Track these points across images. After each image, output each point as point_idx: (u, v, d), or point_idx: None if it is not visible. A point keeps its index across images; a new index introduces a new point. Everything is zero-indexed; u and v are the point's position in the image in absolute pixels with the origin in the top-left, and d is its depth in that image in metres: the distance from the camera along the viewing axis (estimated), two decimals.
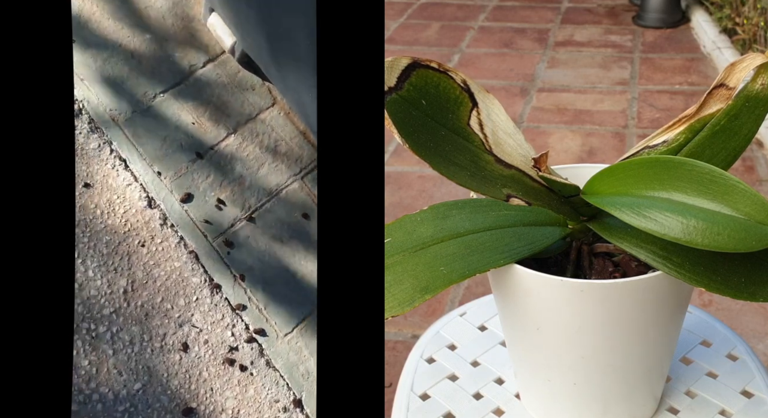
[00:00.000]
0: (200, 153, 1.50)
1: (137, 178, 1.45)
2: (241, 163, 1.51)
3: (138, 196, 1.44)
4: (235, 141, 1.52)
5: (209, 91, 1.56)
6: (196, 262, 1.42)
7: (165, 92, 1.53)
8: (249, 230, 1.46)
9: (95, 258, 1.38)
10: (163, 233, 1.43)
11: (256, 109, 1.56)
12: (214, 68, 1.58)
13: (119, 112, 1.49)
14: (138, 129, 1.49)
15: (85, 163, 1.45)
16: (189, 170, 1.48)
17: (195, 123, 1.51)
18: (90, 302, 1.35)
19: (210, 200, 1.47)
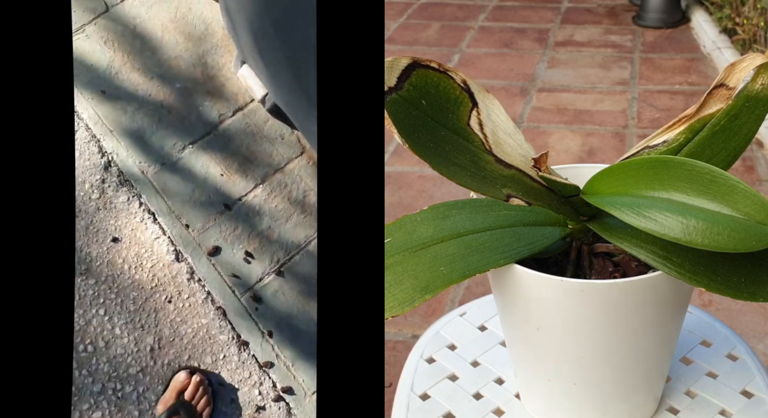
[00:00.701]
0: (228, 205, 1.47)
1: (165, 231, 1.43)
2: (269, 214, 1.49)
3: (166, 250, 1.42)
4: (263, 192, 1.50)
5: (238, 141, 1.54)
6: (223, 318, 1.40)
7: (194, 143, 1.51)
8: (277, 284, 1.43)
9: (122, 315, 1.36)
10: (190, 287, 1.40)
11: (285, 159, 1.53)
12: (243, 117, 1.56)
13: (148, 164, 1.48)
14: (167, 182, 1.47)
15: (113, 217, 1.43)
16: (217, 222, 1.46)
17: (223, 174, 1.49)
18: (116, 360, 1.33)
19: (238, 253, 1.45)
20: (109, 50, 1.55)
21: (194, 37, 1.60)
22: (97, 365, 1.33)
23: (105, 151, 1.47)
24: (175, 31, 1.59)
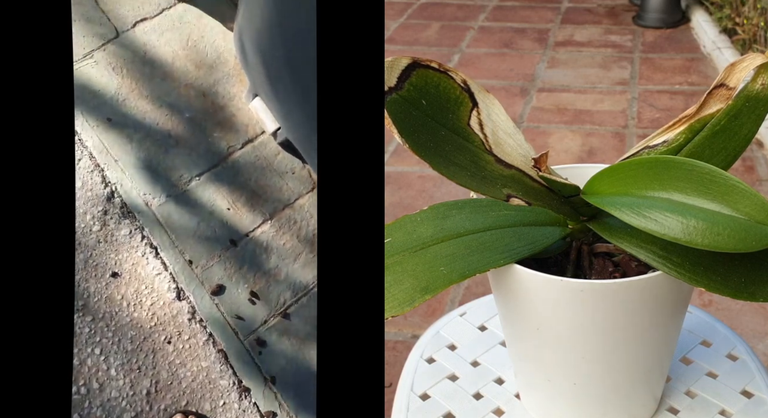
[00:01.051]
0: (234, 241, 1.41)
1: (167, 266, 1.37)
2: (277, 253, 1.42)
3: (167, 287, 1.36)
4: (271, 228, 1.44)
5: (247, 174, 1.48)
6: (224, 362, 1.33)
7: (201, 175, 1.45)
8: (282, 327, 1.37)
9: (119, 355, 1.30)
10: (191, 328, 1.34)
11: (295, 194, 1.48)
12: (252, 150, 1.50)
13: (153, 196, 1.42)
14: (172, 214, 1.41)
15: (114, 250, 1.37)
16: (222, 259, 1.40)
17: (230, 208, 1.44)
18: (110, 404, 1.26)
19: (242, 293, 1.38)
20: (118, 77, 1.50)
21: (205, 65, 1.56)
22: (90, 409, 1.26)
23: (108, 181, 1.42)
24: (186, 58, 1.55)
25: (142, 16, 1.57)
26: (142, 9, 1.58)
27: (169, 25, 1.57)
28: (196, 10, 1.60)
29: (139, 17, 1.56)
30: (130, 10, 1.57)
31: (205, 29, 1.59)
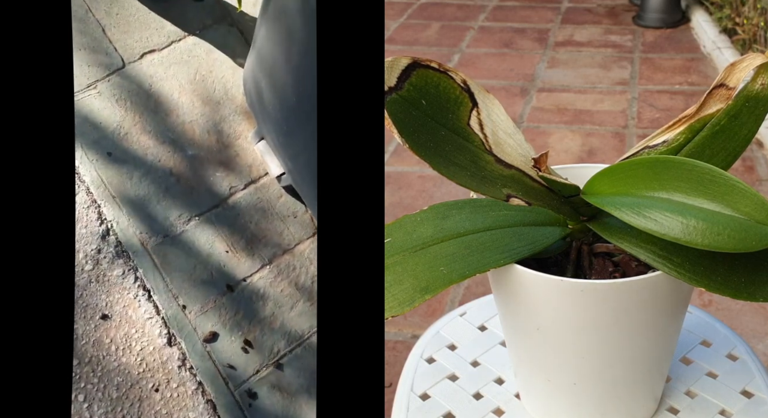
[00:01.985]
0: (231, 286, 1.36)
1: (160, 311, 1.31)
2: (274, 300, 1.37)
3: (158, 332, 1.30)
4: (269, 274, 1.39)
5: (247, 216, 1.43)
6: (213, 413, 1.27)
7: (200, 216, 1.40)
8: (275, 378, 1.32)
9: (103, 403, 1.23)
10: (180, 376, 1.28)
11: (295, 240, 1.43)
12: (255, 191, 1.45)
13: (150, 235, 1.36)
14: (168, 256, 1.36)
15: (105, 291, 1.30)
16: (217, 305, 1.34)
17: (229, 251, 1.38)
18: None
19: (236, 341, 1.32)
20: (121, 109, 1.44)
21: (212, 101, 1.51)
22: None
23: (105, 218, 1.35)
24: (192, 93, 1.50)
25: (150, 47, 1.52)
26: (150, 40, 1.53)
27: (178, 58, 1.52)
28: (206, 44, 1.55)
29: (147, 49, 1.51)
30: (138, 41, 1.51)
31: (214, 64, 1.54)
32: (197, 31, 1.56)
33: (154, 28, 1.53)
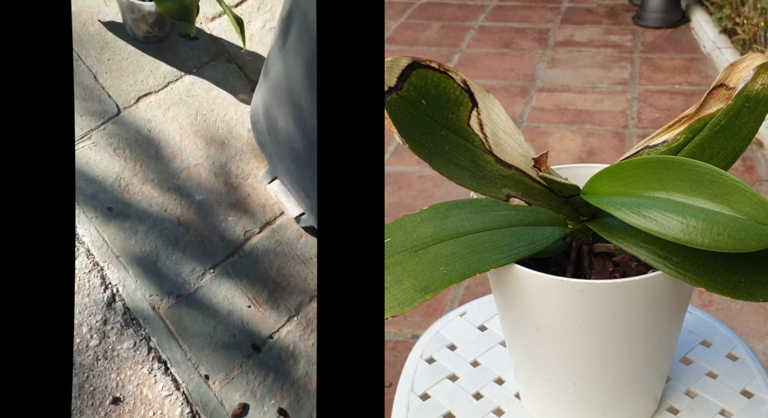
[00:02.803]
0: (257, 345, 1.21)
1: (179, 385, 1.15)
2: (306, 356, 1.22)
3: (180, 411, 1.13)
4: (297, 327, 1.25)
5: (267, 263, 1.29)
6: None
7: (216, 267, 1.27)
8: None
9: None
10: None
11: None
12: (272, 234, 1.33)
13: (161, 297, 1.22)
14: (183, 319, 1.20)
15: (115, 369, 1.14)
16: (243, 370, 1.18)
17: (251, 306, 1.25)
18: None
19: (269, 411, 1.16)
20: (119, 159, 1.34)
21: (216, 141, 1.42)
22: None
23: (109, 282, 1.21)
24: (194, 135, 1.41)
25: (146, 90, 1.44)
26: (146, 83, 1.45)
27: (176, 99, 1.44)
28: (205, 82, 1.48)
29: (142, 92, 1.43)
30: (133, 85, 1.44)
31: (214, 102, 1.46)
32: (194, 69, 1.49)
33: (148, 71, 1.46)
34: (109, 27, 1.47)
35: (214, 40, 1.55)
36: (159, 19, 1.41)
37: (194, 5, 1.35)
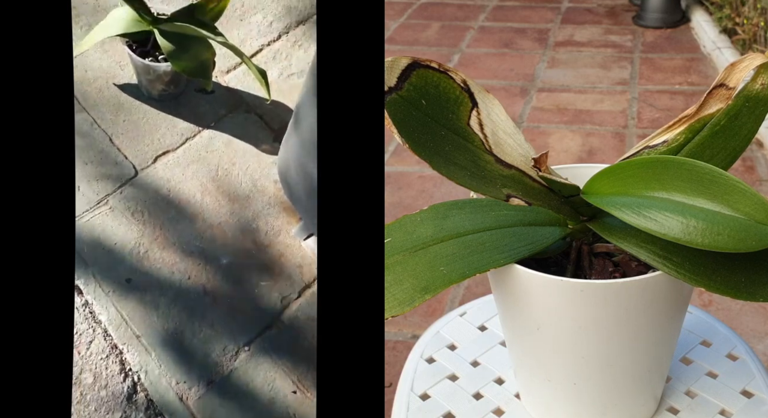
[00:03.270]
0: None
1: None
2: None
3: None
4: None
5: (311, 334, 1.14)
6: None
7: (251, 344, 1.11)
8: None
9: None
10: None
11: None
12: (313, 298, 1.18)
13: (189, 385, 1.06)
14: (217, 412, 1.04)
15: None
16: None
17: (296, 391, 1.07)
18: None
19: None
20: (137, 223, 1.25)
21: (240, 196, 1.31)
22: None
23: (129, 368, 1.07)
24: (217, 191, 1.31)
25: (163, 148, 1.36)
26: (163, 141, 1.37)
27: (195, 156, 1.36)
28: (224, 136, 1.40)
29: (160, 150, 1.36)
30: (150, 144, 1.36)
31: (235, 155, 1.37)
32: (212, 123, 1.42)
33: (165, 128, 1.39)
34: (124, 89, 1.42)
35: (231, 91, 1.48)
36: (174, 77, 1.37)
37: (211, 61, 1.31)
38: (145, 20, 1.28)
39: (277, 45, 1.56)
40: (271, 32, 1.57)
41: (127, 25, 1.27)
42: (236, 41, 1.51)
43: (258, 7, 1.61)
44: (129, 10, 1.27)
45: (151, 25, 1.28)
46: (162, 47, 1.26)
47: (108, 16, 1.32)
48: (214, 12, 1.32)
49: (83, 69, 1.43)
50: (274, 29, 1.58)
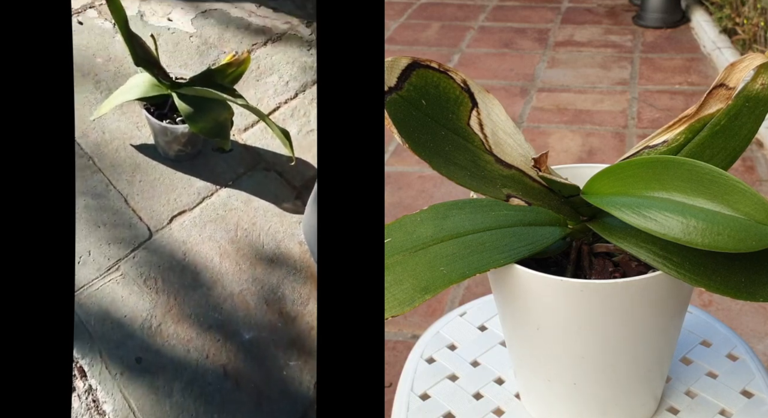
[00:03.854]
0: None
1: None
2: None
3: None
4: None
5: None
6: None
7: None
8: None
9: None
10: None
11: None
12: None
13: None
14: None
15: None
16: None
17: None
18: None
19: None
20: (150, 292, 1.15)
21: (263, 260, 1.21)
22: None
23: None
24: (236, 254, 1.21)
25: (179, 208, 1.29)
26: (179, 201, 1.30)
27: (213, 216, 1.29)
28: (243, 194, 1.32)
29: (176, 211, 1.29)
30: (165, 204, 1.30)
31: (256, 214, 1.29)
32: (230, 182, 1.35)
33: (181, 188, 1.33)
34: (141, 149, 1.38)
35: (249, 149, 1.43)
36: (192, 138, 1.34)
37: (228, 121, 1.29)
38: (163, 85, 1.27)
39: (294, 102, 1.53)
40: (288, 91, 1.55)
41: (146, 89, 1.27)
42: (253, 100, 1.48)
43: (274, 68, 1.60)
44: (148, 75, 1.27)
45: (169, 89, 1.27)
46: (180, 110, 1.24)
47: (128, 81, 1.31)
48: (233, 76, 1.31)
49: (101, 131, 1.40)
50: (291, 88, 1.56)
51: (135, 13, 1.67)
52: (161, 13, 1.69)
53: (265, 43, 1.66)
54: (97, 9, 1.67)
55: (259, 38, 1.67)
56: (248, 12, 1.73)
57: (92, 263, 1.19)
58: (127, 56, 1.27)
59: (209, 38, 1.64)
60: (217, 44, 1.64)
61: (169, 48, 1.60)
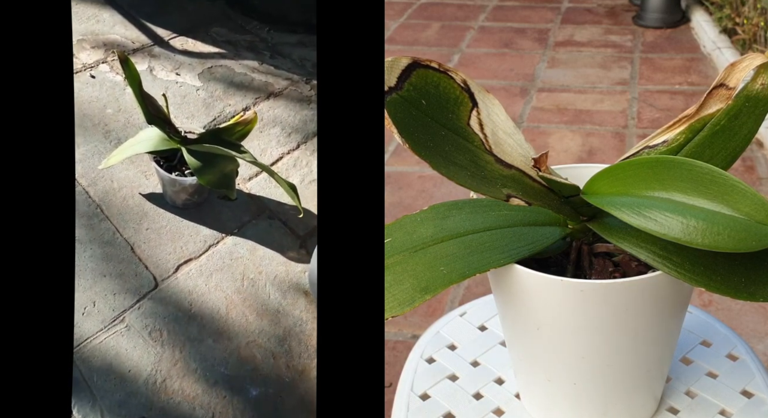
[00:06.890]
0: None
1: None
2: None
3: None
4: None
5: None
6: None
7: None
8: None
9: None
10: None
11: None
12: None
13: None
14: None
15: None
16: None
17: None
18: None
19: None
20: (155, 344, 1.12)
21: (269, 310, 1.20)
22: None
23: None
24: (243, 304, 1.20)
25: (185, 257, 1.30)
26: (185, 249, 1.31)
27: (219, 264, 1.29)
28: (249, 242, 1.34)
29: (182, 259, 1.29)
30: (172, 253, 1.30)
31: (261, 263, 1.30)
32: (235, 229, 1.37)
33: (188, 236, 1.34)
34: (148, 198, 1.41)
35: (254, 198, 1.46)
36: (199, 188, 1.37)
37: (234, 172, 1.33)
38: (174, 140, 1.31)
39: (297, 153, 1.57)
40: (290, 142, 1.60)
41: (157, 144, 1.30)
42: (256, 151, 1.52)
43: (276, 121, 1.66)
44: (159, 130, 1.30)
45: (179, 144, 1.30)
46: (189, 164, 1.28)
47: (139, 133, 1.34)
48: (241, 133, 1.36)
49: (109, 179, 1.42)
50: (293, 139, 1.61)
51: (145, 68, 1.74)
52: (170, 68, 1.77)
53: (268, 96, 1.74)
54: (109, 64, 1.74)
55: (262, 93, 1.75)
56: (251, 68, 1.82)
57: (97, 313, 1.17)
58: (137, 107, 1.29)
59: (215, 92, 1.72)
60: (222, 97, 1.71)
61: (177, 100, 1.66)
